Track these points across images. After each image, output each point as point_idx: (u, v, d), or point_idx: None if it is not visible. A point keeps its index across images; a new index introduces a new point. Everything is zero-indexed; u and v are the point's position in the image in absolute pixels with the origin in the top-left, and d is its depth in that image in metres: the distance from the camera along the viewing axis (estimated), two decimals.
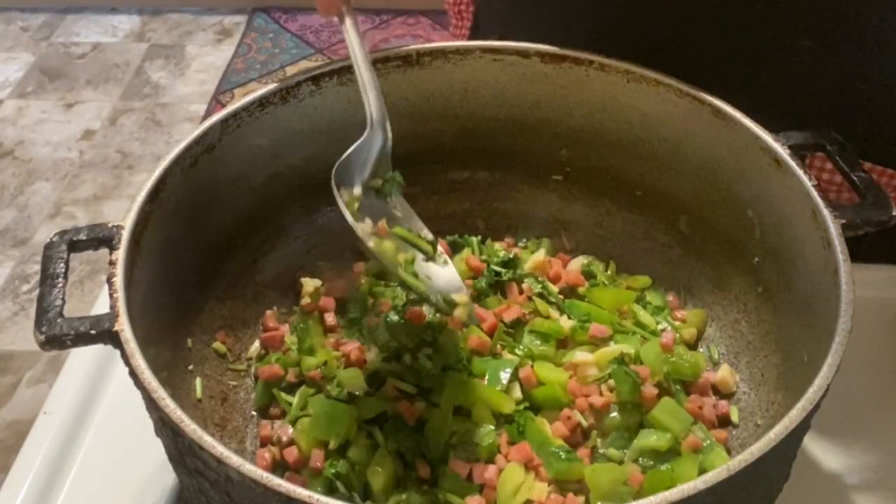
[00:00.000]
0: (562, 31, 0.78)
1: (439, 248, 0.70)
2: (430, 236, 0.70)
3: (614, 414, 0.68)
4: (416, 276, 0.66)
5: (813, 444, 0.72)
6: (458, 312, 0.66)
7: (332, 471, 0.64)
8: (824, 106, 0.78)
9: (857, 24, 0.79)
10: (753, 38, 0.81)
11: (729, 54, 0.82)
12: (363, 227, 0.66)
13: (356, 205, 0.68)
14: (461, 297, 0.67)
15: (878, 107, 0.83)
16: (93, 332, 0.58)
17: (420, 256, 0.68)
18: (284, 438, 0.68)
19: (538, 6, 0.89)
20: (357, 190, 0.69)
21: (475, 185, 0.85)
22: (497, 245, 0.81)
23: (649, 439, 0.66)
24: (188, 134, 0.70)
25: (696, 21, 0.82)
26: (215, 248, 0.75)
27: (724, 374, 0.73)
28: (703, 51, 0.81)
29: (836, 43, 0.79)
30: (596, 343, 0.73)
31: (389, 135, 0.70)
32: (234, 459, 0.51)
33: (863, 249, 0.66)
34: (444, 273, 0.68)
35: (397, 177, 0.71)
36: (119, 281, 0.59)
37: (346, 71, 0.76)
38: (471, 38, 1.06)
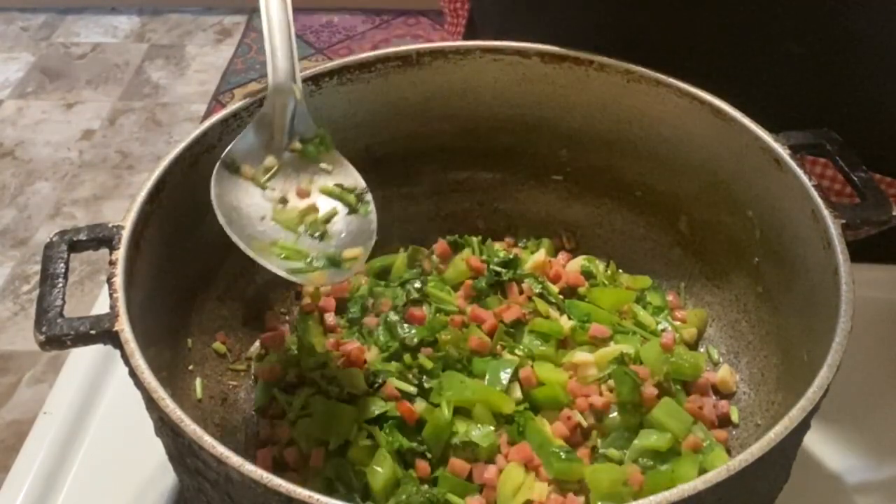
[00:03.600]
0: (556, 30, 0.79)
1: (367, 196, 0.69)
2: (361, 184, 0.70)
3: (614, 414, 0.68)
4: (317, 235, 0.67)
5: (813, 444, 0.72)
6: (347, 266, 0.66)
7: (333, 471, 0.64)
8: (813, 111, 0.78)
9: (844, 31, 0.79)
10: (744, 41, 0.81)
11: (721, 57, 0.82)
12: (266, 196, 0.68)
13: (264, 176, 0.69)
14: (353, 251, 0.67)
15: (865, 112, 0.83)
16: (93, 332, 0.58)
17: (343, 211, 0.69)
18: (284, 438, 0.68)
19: (533, 5, 0.89)
20: (269, 160, 0.69)
21: (475, 185, 0.85)
22: (497, 245, 0.81)
23: (649, 439, 0.66)
24: (188, 134, 0.70)
25: (687, 23, 0.82)
26: (215, 248, 0.75)
27: (724, 374, 0.73)
28: (695, 53, 0.81)
29: (823, 48, 0.80)
30: (596, 343, 0.73)
31: (299, 94, 0.70)
32: (234, 459, 0.51)
33: (863, 249, 0.66)
34: (359, 224, 0.68)
35: (324, 135, 0.71)
36: (119, 281, 0.59)
37: (346, 71, 0.76)
38: (466, 35, 1.06)
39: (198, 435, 0.52)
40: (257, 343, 0.76)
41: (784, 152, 0.68)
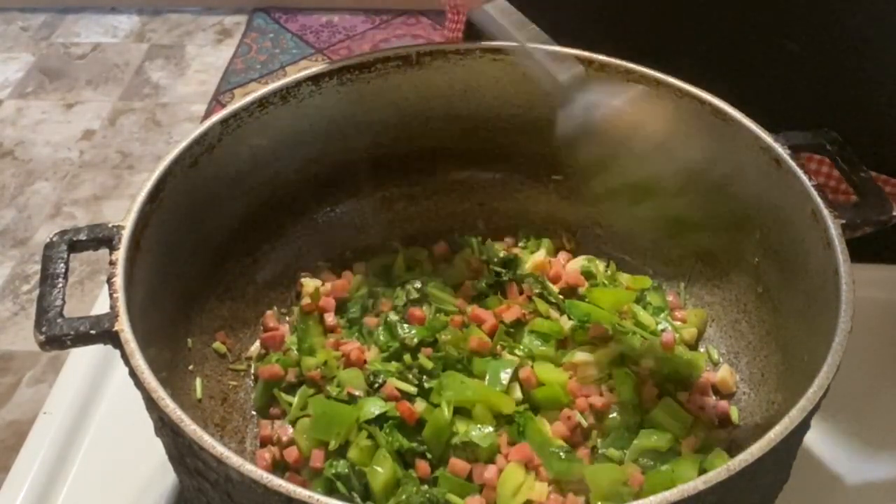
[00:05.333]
0: (555, 28, 0.78)
1: None
2: None
3: (614, 414, 0.68)
4: None
5: (813, 444, 0.72)
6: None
7: (332, 471, 0.64)
8: (809, 110, 0.78)
9: (840, 30, 0.79)
10: (741, 40, 0.81)
11: (718, 57, 0.82)
12: None
13: None
14: None
15: (862, 110, 0.83)
16: (93, 332, 0.58)
17: None
18: (284, 438, 0.68)
19: (533, 3, 0.89)
20: None
21: (475, 185, 0.85)
22: (497, 245, 0.81)
23: (649, 439, 0.66)
24: (188, 134, 0.70)
25: (685, 20, 0.82)
26: (215, 248, 0.75)
27: (724, 374, 0.73)
28: (692, 52, 0.81)
29: (820, 47, 0.80)
30: (596, 343, 0.73)
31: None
32: (234, 459, 0.51)
33: (863, 249, 0.66)
34: None
35: None
36: (119, 281, 0.59)
37: (346, 71, 0.76)
38: (466, 32, 1.06)
39: (198, 435, 0.52)
40: (257, 343, 0.76)
41: (784, 152, 0.68)
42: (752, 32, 0.80)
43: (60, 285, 0.60)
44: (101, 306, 0.68)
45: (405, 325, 0.73)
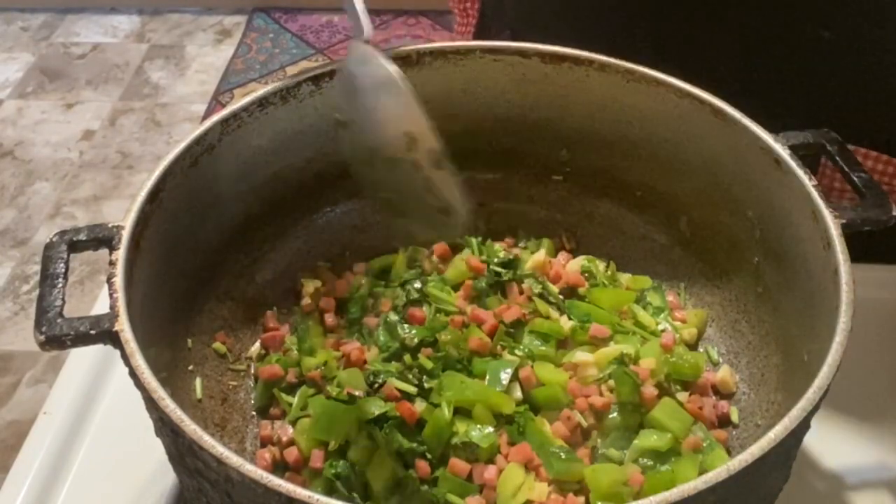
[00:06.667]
0: (570, 29, 0.78)
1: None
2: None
3: (614, 414, 0.68)
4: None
5: (813, 444, 0.72)
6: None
7: (332, 471, 0.64)
8: (842, 96, 0.77)
9: (876, 17, 0.78)
10: (771, 29, 0.80)
11: (743, 47, 0.81)
12: None
13: None
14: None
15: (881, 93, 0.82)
16: (93, 332, 0.58)
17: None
18: (284, 438, 0.68)
19: (547, 4, 0.89)
20: None
21: (475, 185, 0.84)
22: (497, 245, 0.81)
23: (649, 439, 0.66)
24: (188, 134, 0.70)
25: (711, 11, 0.81)
26: (215, 248, 0.75)
27: (724, 374, 0.73)
28: (719, 43, 0.80)
29: (855, 34, 0.79)
30: (596, 343, 0.73)
31: None
32: (234, 459, 0.51)
33: (863, 249, 0.66)
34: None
35: None
36: (119, 281, 0.59)
37: None
38: (476, 36, 1.05)
39: (198, 435, 0.52)
40: (257, 343, 0.76)
41: (784, 152, 0.68)
42: (786, 21, 0.79)
43: (60, 285, 0.60)
44: (101, 306, 0.68)
45: (405, 325, 0.73)
